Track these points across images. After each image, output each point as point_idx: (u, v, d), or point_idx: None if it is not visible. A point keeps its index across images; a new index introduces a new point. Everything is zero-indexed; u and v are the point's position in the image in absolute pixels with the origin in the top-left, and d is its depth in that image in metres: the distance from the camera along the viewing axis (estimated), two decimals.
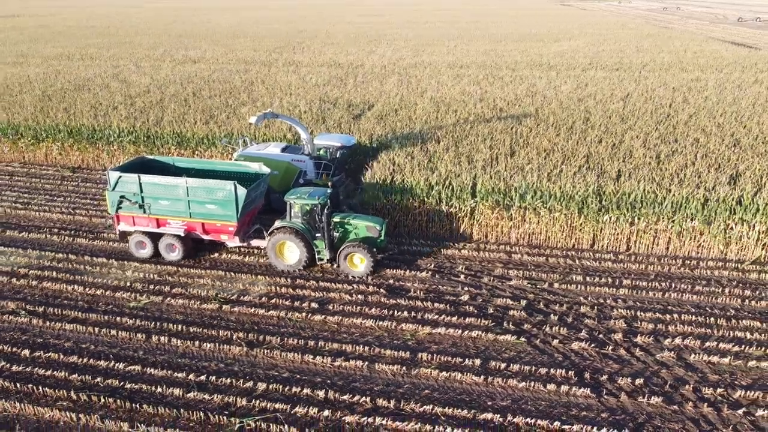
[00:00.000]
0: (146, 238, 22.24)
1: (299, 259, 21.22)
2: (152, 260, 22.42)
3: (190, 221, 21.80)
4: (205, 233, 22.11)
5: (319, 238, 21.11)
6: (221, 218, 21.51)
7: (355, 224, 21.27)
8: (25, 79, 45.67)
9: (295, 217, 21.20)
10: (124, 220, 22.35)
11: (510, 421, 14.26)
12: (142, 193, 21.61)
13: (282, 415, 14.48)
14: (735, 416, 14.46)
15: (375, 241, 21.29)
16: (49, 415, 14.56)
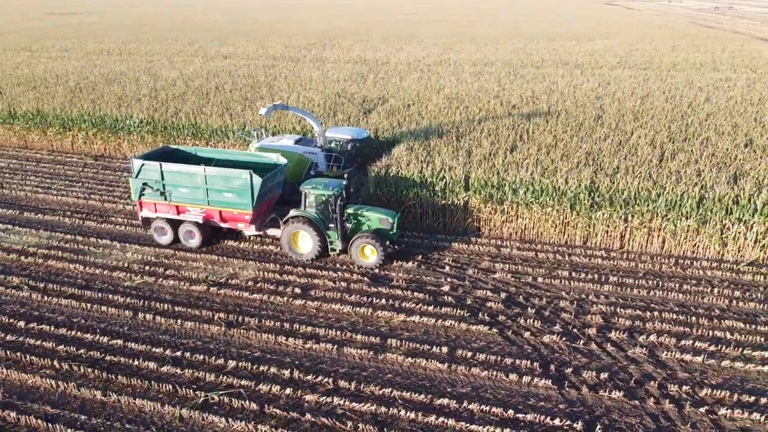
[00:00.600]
0: (167, 225, 22.93)
1: (312, 248, 21.56)
2: (152, 244, 23.35)
3: (208, 209, 22.37)
4: (223, 221, 22.61)
5: (333, 228, 21.42)
6: (238, 206, 22.00)
7: (368, 216, 21.46)
8: (63, 72, 47.82)
9: (310, 207, 21.52)
10: (146, 207, 23.05)
11: (465, 407, 14.43)
12: (163, 181, 22.25)
13: (246, 391, 15.02)
14: (696, 414, 14.25)
15: (387, 233, 21.44)
16: (32, 381, 15.48)
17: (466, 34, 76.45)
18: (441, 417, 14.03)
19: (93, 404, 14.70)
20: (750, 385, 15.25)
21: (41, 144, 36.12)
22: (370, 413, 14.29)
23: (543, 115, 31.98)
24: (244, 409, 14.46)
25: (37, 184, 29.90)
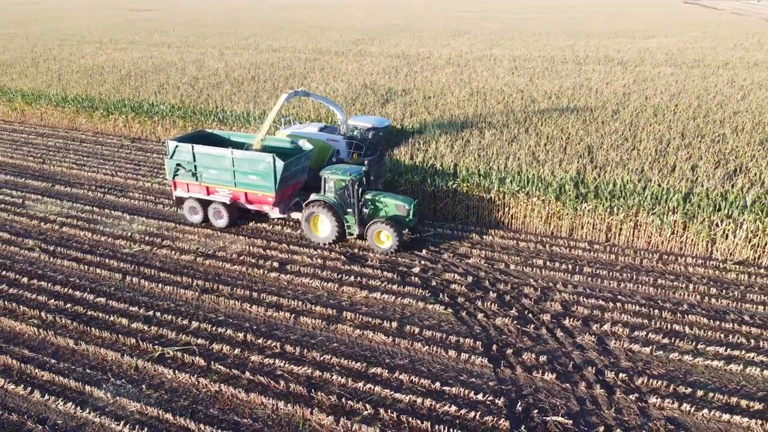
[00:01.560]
0: (198, 205, 23.97)
1: (330, 232, 22.06)
2: (158, 217, 25.05)
3: (235, 190, 23.25)
4: (248, 203, 23.47)
5: (350, 213, 21.86)
6: (262, 189, 22.82)
7: (385, 202, 21.77)
8: (120, 62, 51.17)
9: (329, 192, 22.04)
10: (180, 187, 24.21)
11: (396, 377, 15.00)
12: (195, 162, 23.26)
13: (199, 349, 16.18)
14: (625, 401, 14.21)
15: (403, 219, 21.66)
16: (19, 327, 17.26)
17: (521, 30, 75.53)
18: (369, 384, 14.67)
19: (65, 351, 16.26)
20: (692, 378, 14.99)
21: (87, 126, 39.00)
22: (306, 376, 15.10)
23: (559, 109, 31.65)
24: (193, 364, 15.62)
25: (74, 162, 32.48)
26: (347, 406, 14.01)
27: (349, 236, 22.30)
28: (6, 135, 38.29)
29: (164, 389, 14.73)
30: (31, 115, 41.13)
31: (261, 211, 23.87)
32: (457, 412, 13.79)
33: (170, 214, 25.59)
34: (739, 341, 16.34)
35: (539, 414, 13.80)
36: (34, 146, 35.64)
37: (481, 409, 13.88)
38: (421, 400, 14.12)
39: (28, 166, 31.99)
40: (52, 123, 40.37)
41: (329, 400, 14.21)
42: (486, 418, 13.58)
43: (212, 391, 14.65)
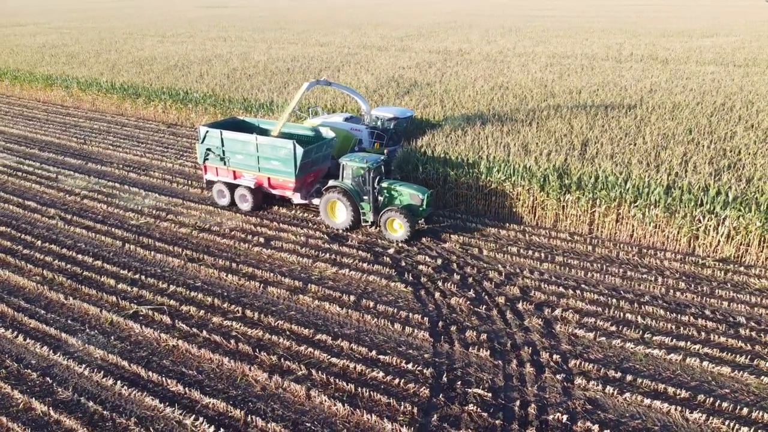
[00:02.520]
0: (226, 188, 25.06)
1: (346, 218, 22.58)
2: (170, 194, 26.90)
3: (259, 175, 24.28)
4: (271, 187, 24.41)
5: (366, 200, 22.34)
6: (283, 174, 23.70)
7: (400, 191, 22.08)
8: (173, 53, 54.22)
9: (347, 179, 22.60)
10: (210, 171, 25.42)
11: (338, 344, 15.89)
12: (223, 147, 24.40)
13: (169, 309, 17.63)
14: (552, 380, 14.53)
15: (417, 209, 21.91)
16: (22, 283, 19.29)
17: (575, 28, 74.09)
18: (311, 348, 15.64)
19: (55, 304, 18.09)
20: (627, 364, 15.08)
21: (131, 112, 41.82)
22: (257, 338, 16.24)
23: (575, 105, 31.40)
24: (161, 322, 17.07)
25: (111, 143, 35.07)
26: (284, 366, 15.03)
27: (364, 223, 22.78)
28: (59, 118, 41.63)
29: (129, 341, 16.23)
30: (84, 100, 44.45)
31: (284, 196, 24.59)
32: (384, 378, 14.54)
33: (181, 191, 27.41)
34: (690, 334, 16.21)
35: (462, 386, 14.35)
36: (80, 129, 38.64)
37: (407, 378, 14.58)
38: (354, 365, 14.95)
39: (70, 145, 34.82)
40: (102, 108, 43.51)
41: (270, 360, 15.27)
42: (409, 385, 14.26)
43: (170, 345, 16.03)
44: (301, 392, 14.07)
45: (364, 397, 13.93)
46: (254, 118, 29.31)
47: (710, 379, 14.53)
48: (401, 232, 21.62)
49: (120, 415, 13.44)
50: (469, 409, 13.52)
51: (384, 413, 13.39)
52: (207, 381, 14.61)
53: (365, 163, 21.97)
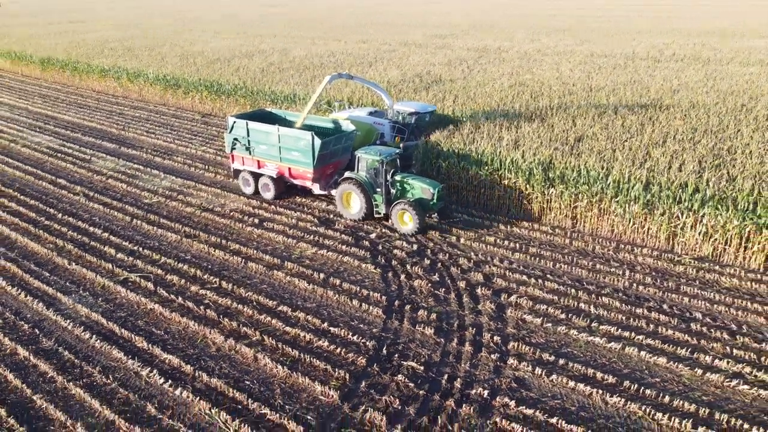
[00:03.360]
0: (250, 177, 26.08)
1: (359, 209, 23.14)
2: (185, 176, 28.80)
3: (281, 165, 25.14)
4: (292, 177, 25.26)
5: (379, 193, 22.75)
6: (302, 165, 24.52)
7: (412, 184, 22.39)
8: (220, 48, 56.88)
9: (362, 171, 23.09)
10: (236, 160, 26.50)
11: (296, 315, 17.05)
12: (249, 137, 25.47)
13: (155, 278, 19.28)
14: (486, 359, 15.15)
15: (428, 203, 22.19)
16: (37, 249, 21.45)
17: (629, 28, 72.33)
18: (270, 317, 16.85)
19: (60, 268, 20.08)
20: (565, 350, 15.50)
21: (172, 101, 44.44)
22: (225, 306, 17.61)
23: (589, 103, 31.28)
24: (145, 288, 18.71)
25: (146, 129, 37.57)
26: (242, 332, 16.31)
27: (376, 215, 23.19)
28: (107, 106, 44.76)
29: (113, 303, 17.94)
30: (132, 90, 47.52)
31: (305, 186, 25.34)
32: (328, 347, 15.58)
33: (197, 175, 29.28)
34: (638, 325, 16.40)
35: (399, 358, 15.20)
36: (123, 116, 41.48)
37: (350, 348, 15.56)
38: (304, 334, 16.07)
39: (110, 131, 37.55)
40: (147, 98, 46.42)
41: (230, 325, 16.59)
42: (349, 355, 15.25)
43: (147, 309, 17.62)
44: (250, 355, 15.31)
45: (306, 362, 15.01)
46: (282, 110, 30.41)
47: (644, 368, 14.78)
48: (411, 225, 21.97)
49: (88, 364, 15.08)
50: (398, 380, 14.37)
51: (319, 377, 14.43)
52: (170, 340, 16.08)
53: (379, 156, 22.40)
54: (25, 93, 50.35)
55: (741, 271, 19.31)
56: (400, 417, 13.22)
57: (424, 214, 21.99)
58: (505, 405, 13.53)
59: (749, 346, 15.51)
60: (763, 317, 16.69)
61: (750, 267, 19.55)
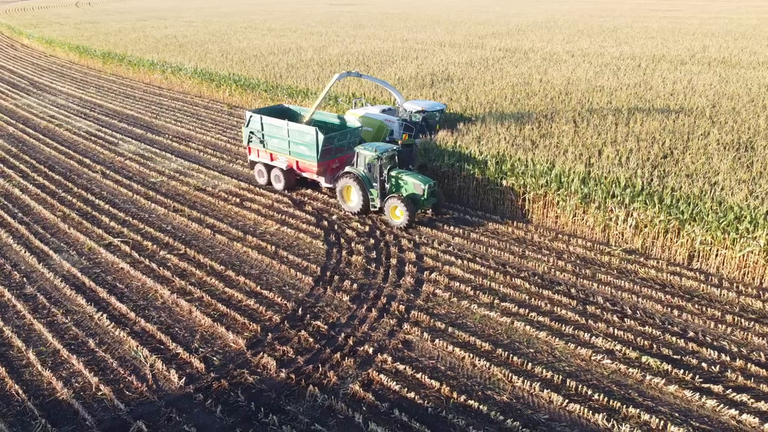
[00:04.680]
0: (264, 169, 27.78)
1: (357, 203, 24.20)
2: (192, 160, 31.86)
3: (290, 158, 26.71)
4: (300, 170, 26.75)
5: (375, 187, 23.69)
6: (308, 158, 26.08)
7: (406, 180, 23.24)
8: (257, 45, 60.38)
9: (360, 166, 24.10)
10: (252, 152, 28.15)
11: (237, 278, 19.44)
12: (263, 131, 27.42)
13: (133, 242, 22.19)
14: (386, 324, 17.00)
15: (419, 198, 22.98)
16: (47, 216, 24.88)
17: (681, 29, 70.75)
18: (215, 280, 19.33)
19: (60, 232, 23.36)
20: (461, 321, 17.12)
21: (207, 94, 48.07)
22: (182, 269, 20.23)
23: (583, 104, 32.00)
24: (122, 251, 21.63)
25: (175, 118, 41.17)
26: (187, 290, 18.86)
27: (372, 208, 24.15)
28: (149, 97, 48.96)
29: (92, 261, 20.95)
30: (174, 83, 51.61)
31: (314, 179, 26.72)
32: (254, 305, 17.88)
33: (203, 159, 32.29)
34: (537, 304, 17.76)
35: (310, 318, 17.30)
36: (160, 106, 45.43)
37: (272, 308, 17.80)
38: (238, 294, 18.42)
39: (143, 118, 41.41)
40: (186, 90, 50.35)
41: (180, 283, 19.18)
42: (269, 313, 17.48)
43: (118, 267, 20.51)
44: (186, 308, 17.82)
45: (230, 316, 17.37)
46: (299, 106, 32.20)
47: (524, 339, 16.23)
48: (402, 218, 22.85)
49: (55, 306, 18.04)
50: (302, 335, 16.49)
51: (236, 329, 16.75)
52: (127, 293, 18.84)
53: (375, 152, 23.35)
54: (83, 83, 55.53)
55: (664, 263, 20.16)
56: (290, 364, 15.34)
57: (415, 208, 22.90)
58: (383, 361, 15.38)
59: (633, 328, 16.60)
60: (662, 305, 17.65)
61: (674, 260, 20.35)
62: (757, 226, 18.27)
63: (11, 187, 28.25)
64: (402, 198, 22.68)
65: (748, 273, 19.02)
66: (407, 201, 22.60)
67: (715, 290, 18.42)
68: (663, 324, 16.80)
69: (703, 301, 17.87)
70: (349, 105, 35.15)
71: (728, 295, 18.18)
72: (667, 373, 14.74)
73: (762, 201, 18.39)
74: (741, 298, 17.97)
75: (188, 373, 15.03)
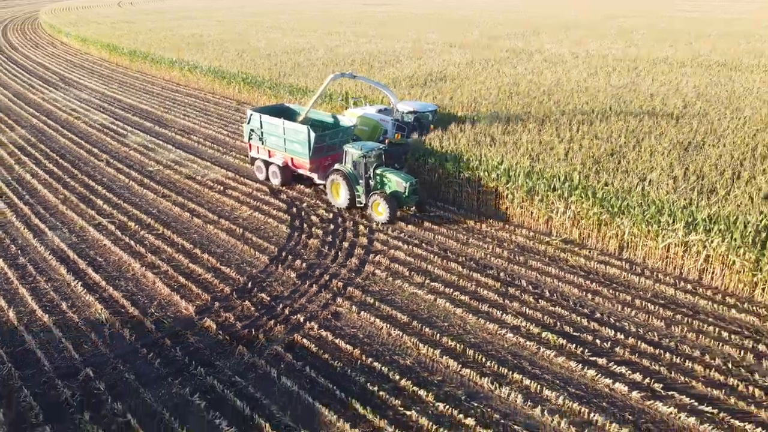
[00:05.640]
0: (263, 165, 29.23)
1: (344, 198, 25.35)
2: (189, 151, 34.33)
3: (285, 155, 27.94)
4: (294, 166, 28.03)
5: (361, 184, 24.82)
6: (301, 155, 27.29)
7: (389, 178, 24.30)
8: (274, 44, 62.90)
9: (348, 164, 25.15)
10: (253, 149, 29.58)
11: (202, 256, 21.62)
12: (262, 129, 28.82)
13: (119, 223, 24.64)
14: (322, 297, 18.93)
15: (401, 195, 24.02)
16: (49, 198, 27.60)
17: (698, 32, 70.49)
18: (182, 256, 21.56)
19: (59, 212, 25.97)
20: (390, 297, 18.89)
21: (219, 90, 50.74)
22: (156, 246, 22.53)
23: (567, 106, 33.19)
24: (107, 230, 24.08)
25: (183, 113, 43.85)
26: (156, 264, 21.13)
27: (358, 204, 25.31)
28: (166, 93, 51.92)
29: (80, 238, 23.45)
30: (191, 80, 54.51)
31: (308, 176, 27.92)
32: (211, 279, 20.03)
33: (200, 150, 34.72)
34: (462, 284, 19.40)
35: (257, 291, 19.34)
36: (173, 101, 48.27)
37: (226, 281, 19.91)
38: (201, 270, 20.59)
39: (154, 112, 44.25)
40: (200, 87, 53.16)
41: (151, 259, 21.47)
42: (222, 285, 19.60)
43: (101, 243, 22.94)
44: (152, 280, 20.08)
45: (186, 286, 19.55)
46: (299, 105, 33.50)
47: (440, 314, 17.94)
48: (384, 215, 24.00)
49: (39, 275, 20.52)
50: (245, 304, 18.55)
51: (190, 297, 18.92)
52: (104, 265, 21.23)
53: (361, 151, 24.52)
54: (108, 79, 58.99)
55: (596, 253, 21.53)
56: (229, 328, 17.40)
57: (396, 205, 23.98)
58: (310, 328, 17.31)
59: (545, 308, 18.11)
60: (579, 289, 19.09)
61: (607, 251, 21.68)
62: (675, 219, 19.50)
63: (24, 172, 31.17)
64: (384, 195, 23.88)
65: (669, 263, 20.25)
66: (389, 198, 23.79)
67: (634, 278, 19.75)
68: (574, 306, 18.26)
69: (619, 288, 19.24)
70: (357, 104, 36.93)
71: (645, 283, 19.49)
72: (561, 347, 16.26)
73: (680, 196, 19.61)
74: (656, 286, 19.28)
75: (139, 332, 17.23)
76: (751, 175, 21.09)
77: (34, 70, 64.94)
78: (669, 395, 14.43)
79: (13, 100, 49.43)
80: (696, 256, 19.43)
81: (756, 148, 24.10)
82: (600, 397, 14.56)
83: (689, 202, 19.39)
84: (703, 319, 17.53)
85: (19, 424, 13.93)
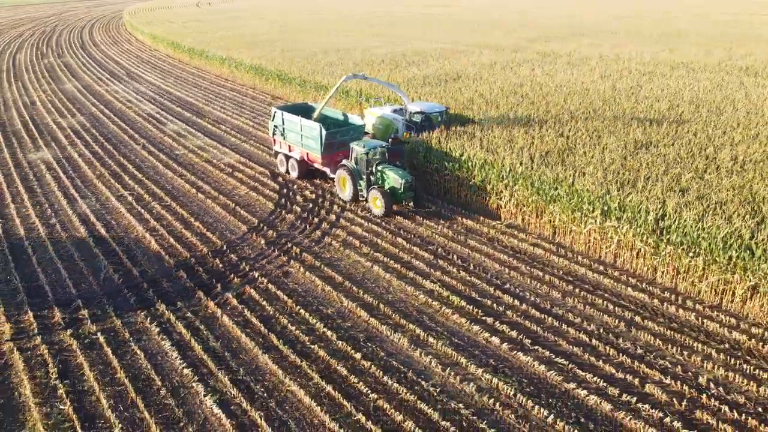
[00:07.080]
0: (284, 158, 32.00)
1: (349, 192, 27.44)
2: (214, 138, 38.73)
3: (302, 150, 30.18)
4: (309, 161, 30.42)
5: (363, 179, 26.72)
6: (314, 151, 29.45)
7: (388, 174, 25.93)
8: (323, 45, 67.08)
9: (353, 160, 27.38)
10: (276, 144, 32.18)
11: (196, 224, 25.63)
12: (283, 125, 31.66)
13: (136, 194, 29.12)
14: (280, 260, 22.45)
15: (398, 191, 25.75)
16: (87, 173, 32.57)
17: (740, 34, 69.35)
18: (179, 223, 25.65)
19: (92, 185, 30.79)
20: (337, 263, 22.17)
21: (259, 86, 55.35)
22: (161, 215, 26.75)
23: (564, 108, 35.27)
24: (126, 200, 28.58)
25: (221, 105, 48.55)
26: (157, 229, 25.30)
27: (360, 198, 27.30)
28: (213, 87, 57.06)
29: (103, 206, 28.03)
30: (237, 76, 59.49)
31: (322, 170, 30.01)
32: (195, 242, 23.99)
33: (225, 138, 39.04)
34: (409, 260, 22.20)
35: (228, 252, 23.10)
36: (216, 95, 53.24)
37: (207, 244, 23.79)
38: (188, 233, 24.60)
39: (196, 104, 49.24)
40: (244, 82, 58.00)
41: (154, 225, 25.67)
42: (202, 246, 23.50)
43: (118, 210, 27.40)
44: (149, 240, 24.23)
45: (174, 247, 23.56)
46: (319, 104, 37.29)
47: (372, 277, 21.07)
48: (381, 208, 25.84)
49: (63, 232, 25.13)
50: (215, 262, 22.35)
51: (174, 254, 22.91)
52: (116, 227, 25.64)
53: (364, 148, 26.44)
54: (167, 74, 65.01)
55: (532, 237, 23.95)
56: (198, 278, 21.23)
57: (392, 200, 25.82)
58: (261, 283, 20.86)
59: (462, 278, 20.87)
60: (501, 264, 21.68)
61: (543, 235, 24.06)
62: (594, 207, 21.74)
63: (73, 152, 36.48)
64: (382, 190, 25.74)
65: (591, 248, 22.47)
66: (386, 193, 25.66)
67: (555, 258, 22.14)
68: (490, 278, 20.92)
69: (537, 266, 21.69)
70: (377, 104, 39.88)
71: (562, 263, 21.84)
72: (461, 308, 19.04)
73: (600, 186, 21.82)
74: (571, 266, 21.61)
75: (127, 278, 21.35)
76: (679, 172, 22.91)
77: (106, 64, 72.15)
78: (533, 349, 17.00)
79: (81, 90, 55.95)
80: (610, 241, 21.61)
81: (705, 148, 25.69)
82: (475, 347, 17.30)
83: (606, 191, 21.57)
84: (600, 294, 19.79)
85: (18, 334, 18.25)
